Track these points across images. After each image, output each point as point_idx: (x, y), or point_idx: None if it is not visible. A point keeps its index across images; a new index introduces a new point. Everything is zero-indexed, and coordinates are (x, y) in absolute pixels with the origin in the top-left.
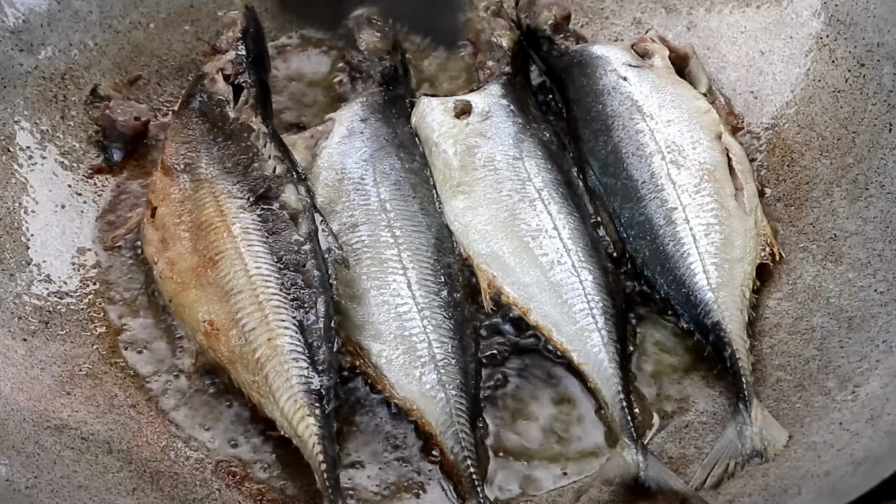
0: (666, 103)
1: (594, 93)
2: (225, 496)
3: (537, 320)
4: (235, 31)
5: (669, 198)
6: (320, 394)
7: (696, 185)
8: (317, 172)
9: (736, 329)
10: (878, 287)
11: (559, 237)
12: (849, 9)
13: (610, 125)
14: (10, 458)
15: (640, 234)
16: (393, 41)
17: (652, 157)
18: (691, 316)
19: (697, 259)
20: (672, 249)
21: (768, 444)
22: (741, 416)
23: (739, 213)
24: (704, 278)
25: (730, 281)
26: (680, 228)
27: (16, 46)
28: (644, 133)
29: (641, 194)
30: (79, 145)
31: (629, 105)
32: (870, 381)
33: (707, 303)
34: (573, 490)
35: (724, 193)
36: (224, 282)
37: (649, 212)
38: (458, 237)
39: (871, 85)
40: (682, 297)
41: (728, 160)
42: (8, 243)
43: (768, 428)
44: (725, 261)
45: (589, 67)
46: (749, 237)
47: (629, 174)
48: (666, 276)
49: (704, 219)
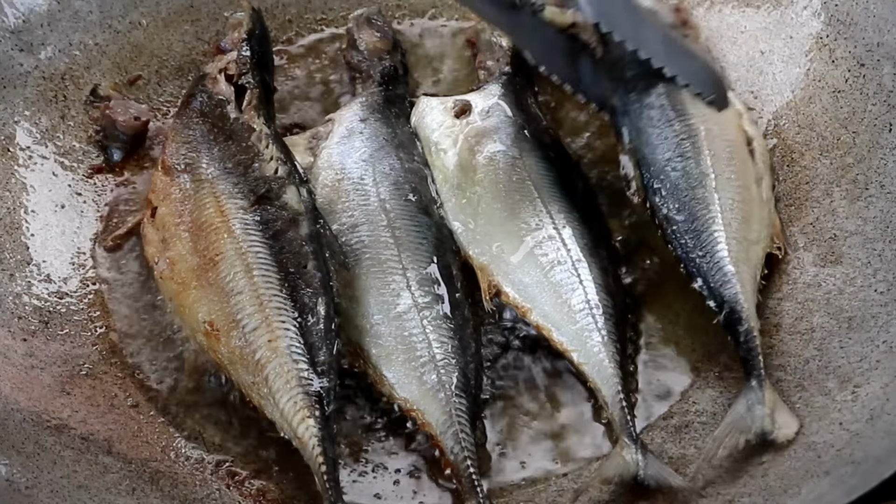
0: None
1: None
2: (225, 496)
3: (537, 320)
4: (241, 31)
5: (704, 161)
6: (320, 395)
7: (728, 159)
8: (316, 173)
9: (751, 307)
10: (878, 287)
11: (559, 237)
12: (849, 9)
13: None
14: (10, 458)
15: (669, 188)
16: (392, 41)
17: (692, 118)
18: (707, 282)
19: (722, 229)
20: (699, 212)
21: (778, 429)
22: (753, 393)
23: (759, 198)
24: (726, 249)
25: (747, 259)
26: (709, 195)
27: (16, 46)
28: (682, 95)
29: (677, 150)
30: (79, 145)
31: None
32: (870, 381)
33: (726, 273)
34: (573, 490)
35: (749, 176)
36: (224, 282)
37: (682, 169)
38: (457, 237)
39: (871, 85)
40: (702, 263)
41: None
42: (8, 243)
43: (780, 411)
44: (745, 239)
45: None
46: (764, 224)
47: (666, 125)
48: (688, 236)
49: (731, 192)
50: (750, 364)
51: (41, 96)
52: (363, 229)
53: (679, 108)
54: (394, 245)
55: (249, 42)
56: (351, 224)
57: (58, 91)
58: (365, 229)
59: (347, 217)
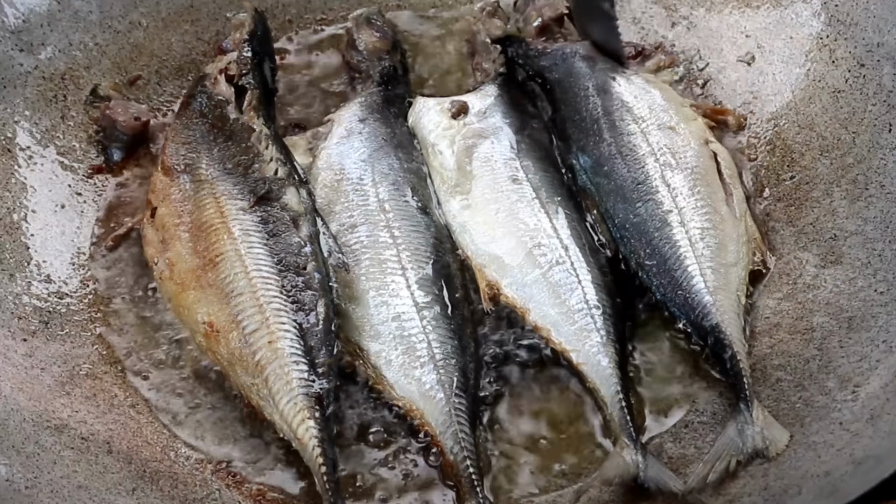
0: (655, 106)
1: (583, 92)
2: (225, 496)
3: (536, 320)
4: (243, 32)
5: (665, 200)
6: (320, 397)
7: (690, 188)
8: (316, 173)
9: (734, 332)
10: (878, 287)
11: (557, 237)
12: (849, 9)
13: (601, 125)
14: (10, 458)
15: (636, 235)
16: (392, 41)
17: (645, 158)
18: (689, 319)
19: (695, 262)
20: (669, 252)
21: (770, 444)
22: (742, 415)
23: (731, 217)
24: (702, 281)
25: (725, 285)
26: (676, 231)
27: (16, 46)
28: (636, 135)
29: (636, 196)
30: (79, 145)
31: (619, 105)
32: (870, 381)
33: (705, 305)
34: (573, 490)
35: (717, 198)
36: (224, 284)
37: (645, 213)
38: (456, 237)
39: (871, 85)
40: (680, 300)
41: (717, 165)
42: (8, 243)
43: (769, 428)
44: (721, 265)
45: (576, 66)
46: (741, 242)
47: (623, 175)
48: (662, 278)
49: (699, 222)
50: (737, 388)
51: (41, 96)
52: (362, 229)
53: (631, 154)
54: (393, 245)
55: (251, 43)
56: (350, 224)
57: (58, 91)
58: (364, 229)
59: (347, 217)
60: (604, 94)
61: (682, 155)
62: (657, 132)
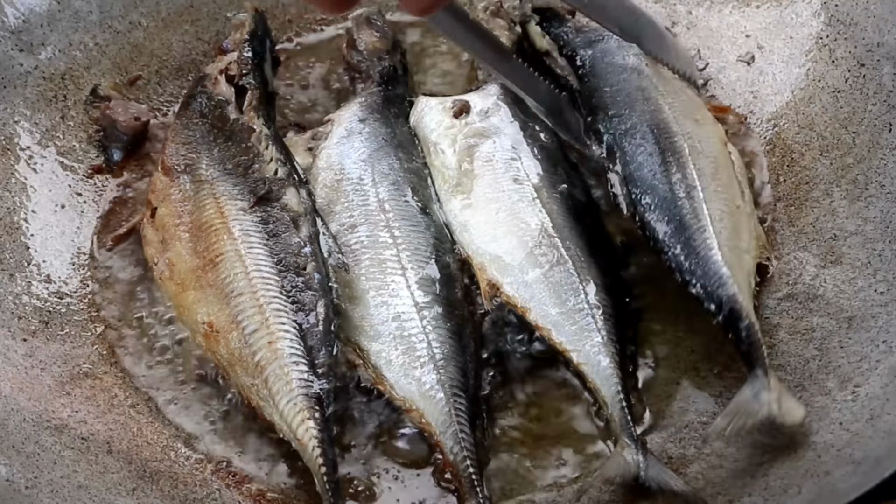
0: (684, 98)
1: (618, 69)
2: (225, 496)
3: (536, 320)
4: (243, 32)
5: (689, 177)
6: (320, 397)
7: (713, 173)
8: (316, 173)
9: (749, 305)
10: (878, 287)
11: (558, 237)
12: (849, 9)
13: (634, 97)
14: (10, 458)
15: (659, 203)
16: (392, 41)
17: (675, 136)
18: (705, 286)
19: (714, 237)
20: (690, 222)
21: (785, 414)
22: (759, 380)
23: (745, 212)
24: (720, 254)
25: (740, 265)
26: (698, 206)
27: (16, 46)
28: (666, 113)
29: (664, 166)
30: (79, 145)
31: (652, 85)
32: (870, 381)
33: (722, 276)
34: (573, 490)
35: (734, 190)
36: (224, 284)
37: (669, 183)
38: (456, 237)
39: (871, 85)
40: (698, 268)
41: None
42: (8, 243)
43: (785, 399)
44: (736, 247)
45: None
46: (752, 236)
47: (652, 143)
48: (681, 245)
49: (719, 204)
50: (753, 356)
51: (41, 96)
52: (362, 229)
53: (662, 127)
54: (393, 245)
55: (251, 43)
56: (350, 224)
57: (58, 91)
58: (364, 229)
59: (347, 217)
60: (639, 73)
61: (706, 143)
62: (684, 120)
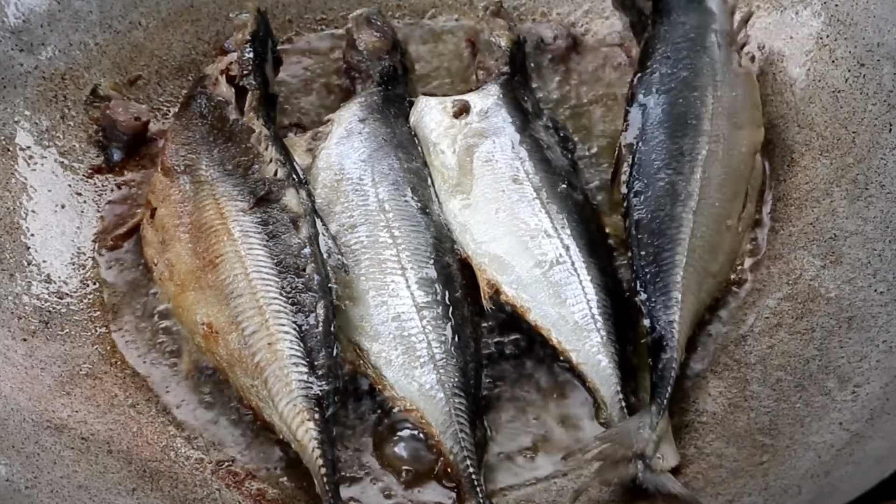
0: (738, 95)
1: (684, 36)
2: (225, 496)
3: (536, 320)
4: (245, 33)
5: (693, 182)
6: (319, 399)
7: (720, 185)
8: (315, 173)
9: (682, 339)
10: (878, 287)
11: (558, 237)
12: (849, 9)
13: (680, 79)
14: (10, 458)
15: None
16: (392, 41)
17: (701, 135)
18: (651, 300)
19: (683, 254)
20: (670, 231)
21: (659, 458)
22: (649, 417)
23: (734, 232)
24: (681, 275)
25: (697, 290)
26: (686, 216)
27: (16, 46)
28: (706, 105)
29: (672, 162)
30: (79, 145)
31: (707, 71)
32: (870, 381)
33: (670, 299)
34: (572, 490)
35: (733, 208)
36: (224, 285)
37: (670, 182)
38: (456, 237)
39: (871, 85)
40: (654, 279)
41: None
42: (8, 243)
43: (666, 443)
44: (703, 269)
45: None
46: (729, 259)
47: (674, 136)
48: (650, 249)
49: (708, 220)
50: (658, 391)
51: (41, 96)
52: (362, 230)
53: (693, 120)
54: (393, 245)
55: (253, 43)
56: (350, 224)
57: (58, 91)
58: (364, 230)
59: (346, 217)
60: (702, 52)
61: (730, 153)
62: (724, 120)
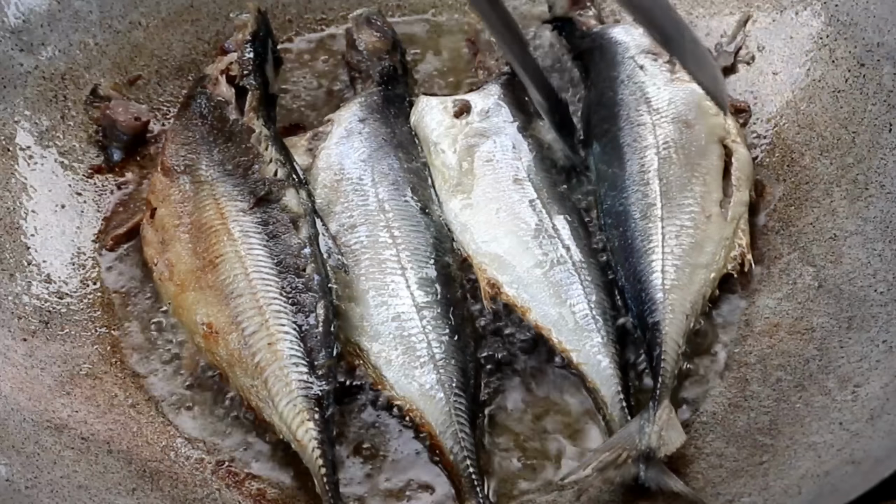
0: (676, 99)
1: (609, 79)
2: (225, 496)
3: (536, 320)
4: (245, 33)
5: (651, 194)
6: (319, 399)
7: (683, 185)
8: (315, 173)
9: (674, 332)
10: (878, 287)
11: (558, 237)
12: (849, 9)
13: (616, 113)
14: (10, 458)
15: (616, 223)
16: (392, 41)
17: (646, 150)
18: (637, 311)
19: (659, 258)
20: (639, 244)
21: (663, 444)
22: (647, 412)
23: (719, 220)
24: (660, 278)
25: (686, 285)
26: (652, 225)
27: (16, 46)
28: (645, 126)
29: (626, 185)
30: (79, 145)
31: (639, 95)
32: (870, 381)
33: (654, 302)
34: (573, 490)
35: (710, 199)
36: (223, 285)
37: (629, 203)
38: (457, 237)
39: (871, 85)
40: (635, 292)
41: (726, 165)
42: (8, 243)
43: (669, 428)
44: (688, 264)
45: (609, 51)
46: (721, 246)
47: (621, 164)
48: (626, 268)
49: (680, 220)
50: (653, 385)
51: (41, 96)
52: (362, 230)
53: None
54: (393, 245)
55: (253, 43)
56: (350, 224)
57: (58, 91)
58: (364, 230)
59: (346, 217)
60: (627, 82)
61: (686, 151)
62: (668, 125)
